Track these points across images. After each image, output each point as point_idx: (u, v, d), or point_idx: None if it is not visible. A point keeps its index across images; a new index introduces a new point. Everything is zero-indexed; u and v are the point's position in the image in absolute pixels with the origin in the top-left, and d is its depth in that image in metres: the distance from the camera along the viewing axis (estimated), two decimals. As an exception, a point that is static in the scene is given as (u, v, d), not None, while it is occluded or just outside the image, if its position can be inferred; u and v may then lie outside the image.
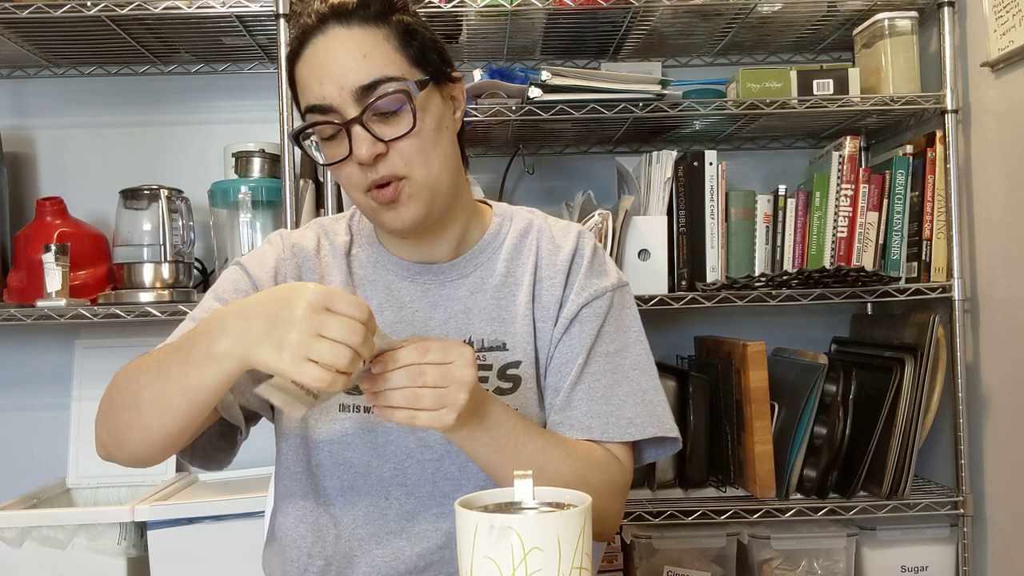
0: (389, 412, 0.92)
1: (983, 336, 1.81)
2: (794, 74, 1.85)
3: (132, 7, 1.72)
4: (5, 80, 2.10)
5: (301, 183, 1.83)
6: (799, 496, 1.81)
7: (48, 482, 1.93)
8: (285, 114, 1.73)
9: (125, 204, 1.91)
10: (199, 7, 1.74)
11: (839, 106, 1.82)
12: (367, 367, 0.93)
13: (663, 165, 1.84)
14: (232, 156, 1.95)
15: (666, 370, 1.91)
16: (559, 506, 0.77)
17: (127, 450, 1.00)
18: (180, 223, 1.91)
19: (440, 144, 1.06)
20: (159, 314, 1.75)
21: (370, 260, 1.15)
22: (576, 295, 1.11)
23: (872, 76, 1.87)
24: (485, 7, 1.76)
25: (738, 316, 2.17)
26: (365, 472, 1.08)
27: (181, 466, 2.00)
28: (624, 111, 1.78)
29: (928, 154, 1.84)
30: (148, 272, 1.85)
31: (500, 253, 1.15)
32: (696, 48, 2.12)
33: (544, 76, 1.76)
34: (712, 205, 1.85)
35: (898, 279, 1.87)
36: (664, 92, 1.80)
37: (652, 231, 1.82)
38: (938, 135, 1.83)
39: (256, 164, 1.94)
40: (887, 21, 1.84)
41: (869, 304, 2.11)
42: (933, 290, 1.80)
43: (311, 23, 1.02)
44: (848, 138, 1.88)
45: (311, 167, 1.87)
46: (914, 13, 1.84)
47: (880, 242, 1.88)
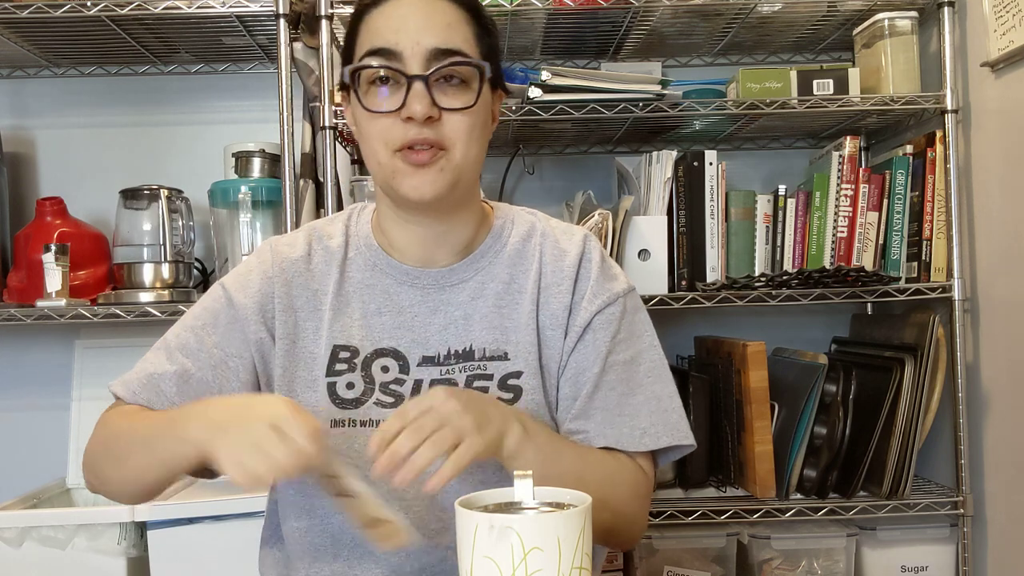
0: (437, 479, 0.90)
1: (983, 336, 1.80)
2: (794, 74, 1.85)
3: (132, 7, 1.72)
4: (5, 80, 2.10)
5: (301, 183, 1.83)
6: (799, 496, 1.81)
7: (48, 482, 1.93)
8: (285, 114, 1.73)
9: (125, 204, 1.91)
10: (199, 7, 1.74)
11: (839, 106, 1.82)
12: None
13: (663, 165, 1.84)
14: (232, 156, 1.95)
15: (666, 370, 1.91)
16: (559, 506, 0.77)
17: (114, 494, 1.10)
18: (180, 223, 1.91)
19: (482, 136, 1.07)
20: (159, 314, 1.75)
21: (368, 264, 1.13)
22: (588, 302, 1.10)
23: (872, 76, 1.87)
24: (485, 7, 1.76)
25: (738, 316, 2.17)
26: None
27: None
28: (624, 111, 1.78)
29: (928, 154, 1.84)
30: (148, 272, 1.85)
31: (502, 258, 1.13)
32: (696, 48, 2.12)
33: (544, 76, 1.76)
34: (712, 205, 1.85)
35: (898, 279, 1.87)
36: (664, 92, 1.80)
37: (652, 231, 1.82)
38: (938, 135, 1.82)
39: (256, 164, 1.94)
40: (887, 21, 1.84)
41: (869, 304, 2.11)
42: (933, 290, 1.80)
43: None
44: (848, 138, 1.88)
45: (311, 167, 1.87)
46: (914, 13, 1.84)
47: (880, 242, 1.88)
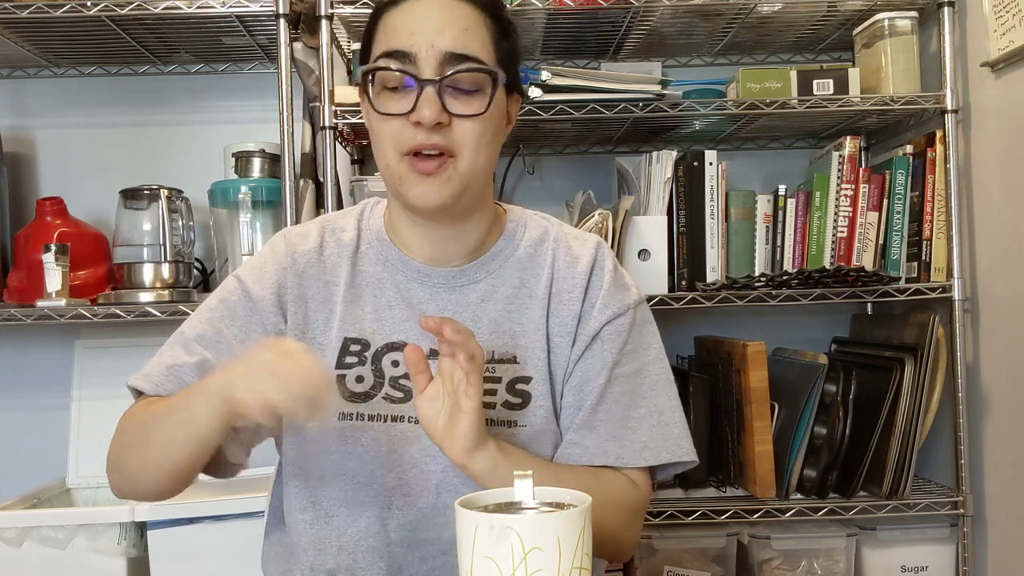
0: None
1: (983, 336, 1.80)
2: (794, 74, 1.85)
3: (132, 7, 1.72)
4: (5, 80, 2.10)
5: (301, 183, 1.83)
6: (799, 496, 1.81)
7: (48, 482, 1.93)
8: (285, 114, 1.73)
9: (125, 204, 1.91)
10: (199, 7, 1.74)
11: (839, 106, 1.82)
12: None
13: (663, 165, 1.84)
14: (232, 156, 1.95)
15: (666, 370, 1.91)
16: (559, 506, 0.77)
17: (141, 488, 1.05)
18: (180, 223, 1.91)
19: (493, 143, 1.06)
20: (159, 314, 1.75)
21: (379, 259, 1.13)
22: (599, 312, 1.09)
23: (872, 76, 1.87)
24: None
25: (738, 316, 2.17)
26: (368, 482, 1.06)
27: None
28: (624, 111, 1.78)
29: (928, 154, 1.84)
30: (148, 272, 1.85)
31: (513, 261, 1.12)
32: (696, 48, 2.12)
33: (544, 76, 1.76)
34: (712, 205, 1.85)
35: (898, 279, 1.87)
36: (664, 92, 1.80)
37: (652, 231, 1.82)
38: (938, 135, 1.83)
39: (256, 164, 1.94)
40: (887, 21, 1.84)
41: (869, 304, 2.11)
42: (933, 290, 1.80)
43: None
44: (848, 138, 1.88)
45: (311, 167, 1.87)
46: (914, 13, 1.84)
47: (880, 242, 1.88)
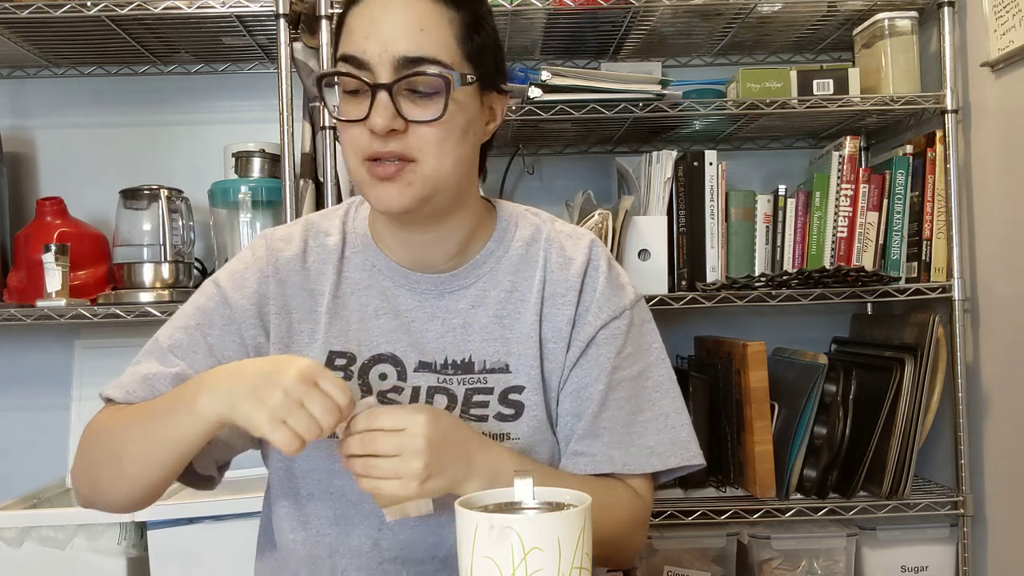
0: (356, 479, 0.92)
1: (983, 336, 1.80)
2: (794, 74, 1.85)
3: (132, 7, 1.72)
4: (5, 80, 2.10)
5: (301, 183, 1.83)
6: (799, 496, 1.81)
7: (48, 482, 1.93)
8: (285, 114, 1.73)
9: (125, 204, 1.91)
10: (199, 7, 1.74)
11: (839, 106, 1.82)
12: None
13: (663, 165, 1.84)
14: (232, 156, 1.95)
15: (666, 370, 1.91)
16: (559, 506, 0.77)
17: (109, 502, 1.03)
18: (180, 223, 1.91)
19: (462, 146, 1.00)
20: (159, 314, 1.75)
21: (365, 264, 1.09)
22: (594, 316, 1.06)
23: (872, 76, 1.87)
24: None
25: (738, 316, 2.17)
26: (358, 501, 1.03)
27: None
28: (624, 111, 1.78)
29: (928, 154, 1.84)
30: (148, 272, 1.85)
31: (504, 264, 1.08)
32: (696, 48, 2.12)
33: (544, 76, 1.76)
34: (712, 205, 1.85)
35: (898, 279, 1.87)
36: (664, 92, 1.80)
37: (652, 231, 1.82)
38: (938, 135, 1.83)
39: (256, 164, 1.94)
40: (887, 21, 1.84)
41: (869, 304, 2.11)
42: (933, 290, 1.80)
43: None
44: (848, 138, 1.88)
45: (311, 167, 1.87)
46: (914, 13, 1.84)
47: (880, 242, 1.88)
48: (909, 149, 1.88)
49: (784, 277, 1.80)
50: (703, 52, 2.14)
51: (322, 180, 1.83)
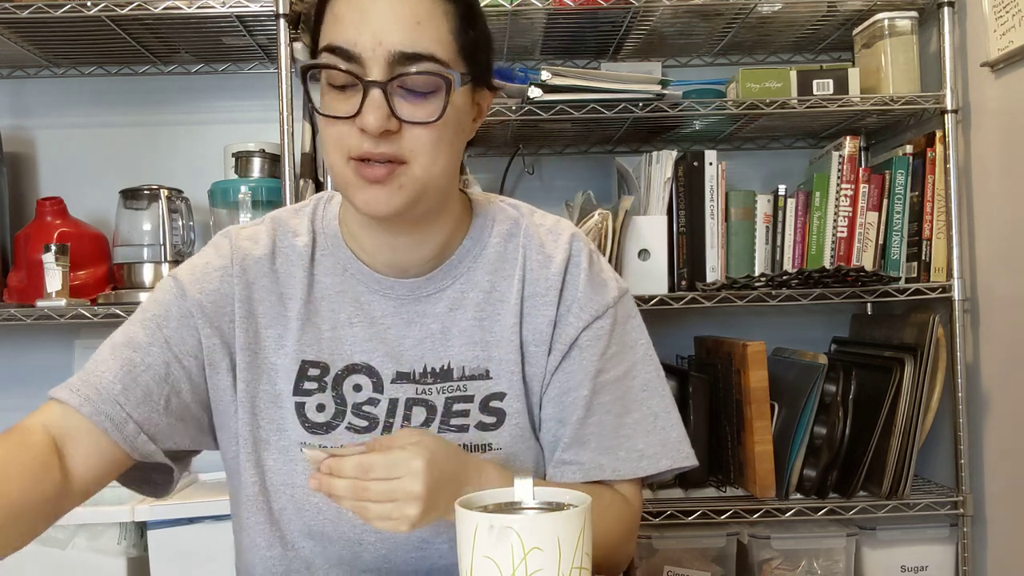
0: (337, 501, 0.85)
1: (983, 336, 1.81)
2: (794, 74, 1.85)
3: (132, 7, 1.72)
4: (5, 80, 2.10)
5: (301, 183, 1.83)
6: (799, 496, 1.81)
7: (48, 482, 1.93)
8: (285, 114, 1.73)
9: (125, 204, 1.91)
10: (199, 7, 1.74)
11: (839, 106, 1.82)
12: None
13: (663, 165, 1.84)
14: (232, 156, 1.95)
15: (666, 370, 1.90)
16: (559, 506, 0.77)
17: None
18: (180, 223, 1.91)
19: (453, 145, 0.94)
20: (159, 314, 1.75)
21: (337, 268, 1.02)
22: (576, 317, 1.00)
23: (872, 76, 1.87)
24: (485, 7, 1.76)
25: (738, 316, 2.17)
26: (336, 519, 0.97)
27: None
28: (624, 111, 1.78)
29: (928, 154, 1.84)
30: (148, 272, 1.85)
31: (482, 263, 1.02)
32: (696, 48, 2.12)
33: (544, 76, 1.76)
34: (712, 205, 1.85)
35: (898, 279, 1.87)
36: (664, 92, 1.80)
37: (652, 231, 1.82)
38: (938, 135, 1.83)
39: (256, 164, 1.94)
40: (887, 21, 1.84)
41: (869, 304, 2.11)
42: (933, 290, 1.80)
43: None
44: (848, 138, 1.88)
45: (311, 167, 1.87)
46: (914, 13, 1.85)
47: (880, 242, 1.88)
48: (909, 149, 1.88)
49: (784, 277, 1.80)
50: (703, 52, 2.14)
51: (322, 180, 1.83)
